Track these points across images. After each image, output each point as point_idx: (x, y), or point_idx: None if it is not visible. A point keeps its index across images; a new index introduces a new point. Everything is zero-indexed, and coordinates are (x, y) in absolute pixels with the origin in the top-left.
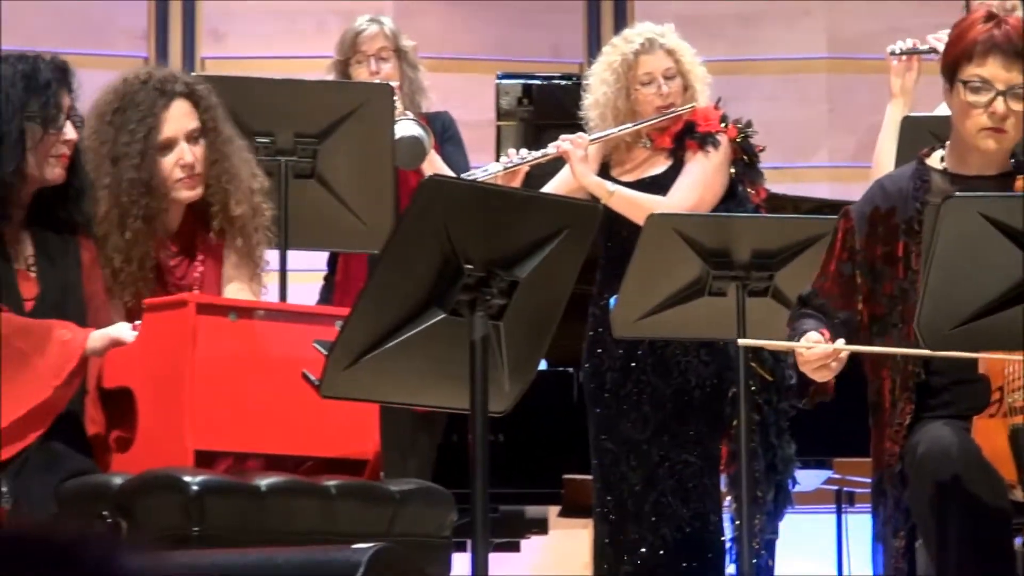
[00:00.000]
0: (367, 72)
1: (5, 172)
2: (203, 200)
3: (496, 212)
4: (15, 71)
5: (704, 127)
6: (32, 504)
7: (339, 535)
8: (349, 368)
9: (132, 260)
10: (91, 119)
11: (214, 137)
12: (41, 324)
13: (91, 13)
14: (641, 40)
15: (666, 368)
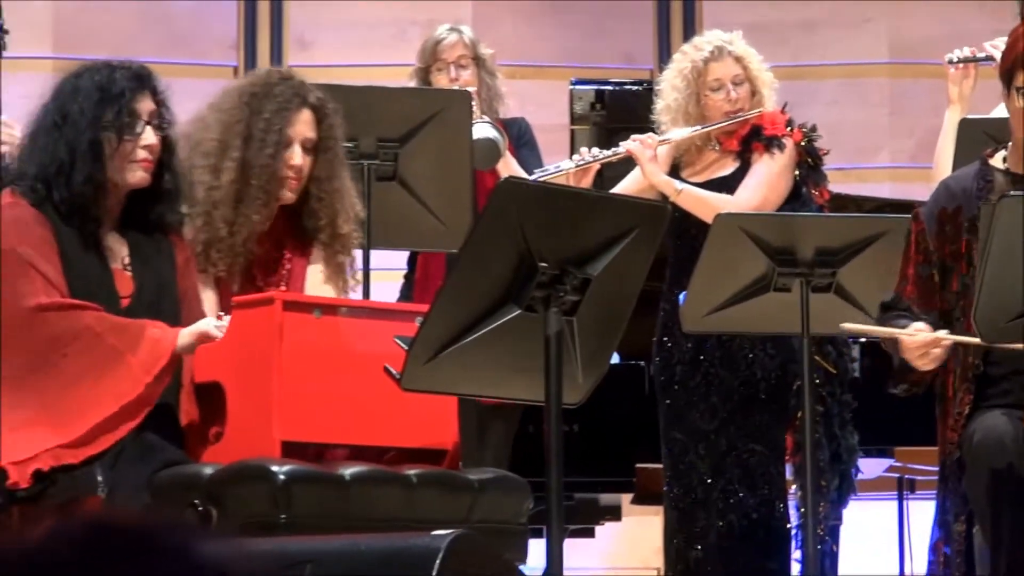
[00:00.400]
0: (447, 79)
1: (76, 182)
2: (300, 207)
3: (569, 212)
4: (92, 83)
5: (770, 131)
6: (126, 493)
7: (419, 522)
8: (429, 362)
9: (236, 234)
10: (229, 95)
11: (331, 156)
12: (134, 323)
13: (183, 24)
14: (710, 48)
15: (733, 361)
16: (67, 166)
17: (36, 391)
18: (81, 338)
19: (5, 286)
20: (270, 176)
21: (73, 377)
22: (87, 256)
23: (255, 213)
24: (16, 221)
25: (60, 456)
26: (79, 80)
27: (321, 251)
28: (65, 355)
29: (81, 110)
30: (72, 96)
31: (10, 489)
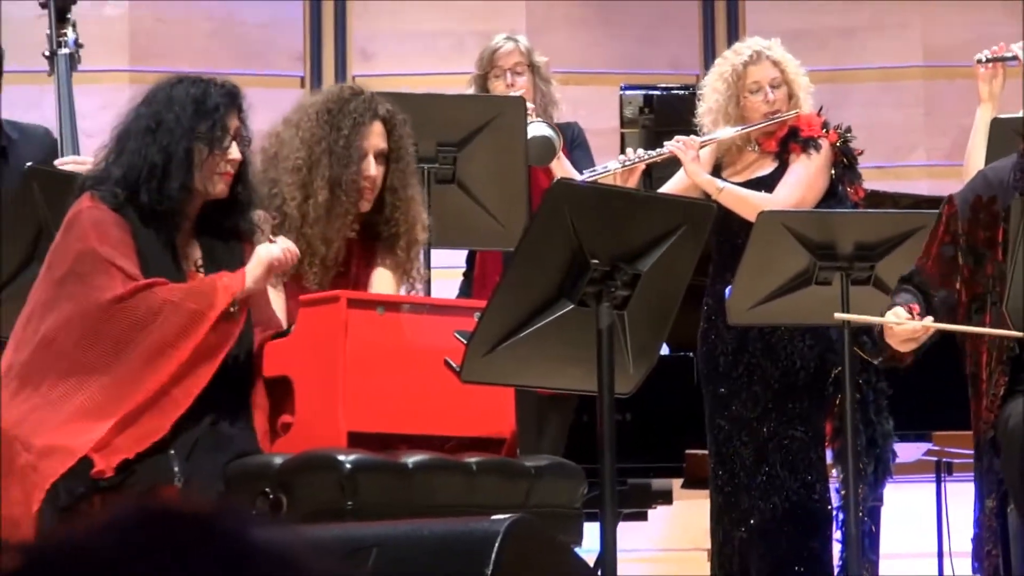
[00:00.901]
0: (503, 85)
1: (171, 188)
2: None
3: (619, 211)
4: (187, 94)
5: (807, 132)
6: (201, 482)
7: (479, 507)
8: (487, 355)
9: (331, 246)
10: (307, 114)
11: (403, 165)
12: (203, 281)
13: (253, 37)
14: (750, 52)
15: (773, 352)
16: (160, 170)
17: (120, 376)
18: (162, 311)
19: (85, 284)
20: (358, 190)
21: (159, 349)
22: (163, 258)
23: (347, 227)
24: (97, 223)
25: (142, 441)
26: (174, 90)
27: (394, 256)
28: (149, 333)
29: (177, 119)
30: (167, 105)
31: (93, 478)
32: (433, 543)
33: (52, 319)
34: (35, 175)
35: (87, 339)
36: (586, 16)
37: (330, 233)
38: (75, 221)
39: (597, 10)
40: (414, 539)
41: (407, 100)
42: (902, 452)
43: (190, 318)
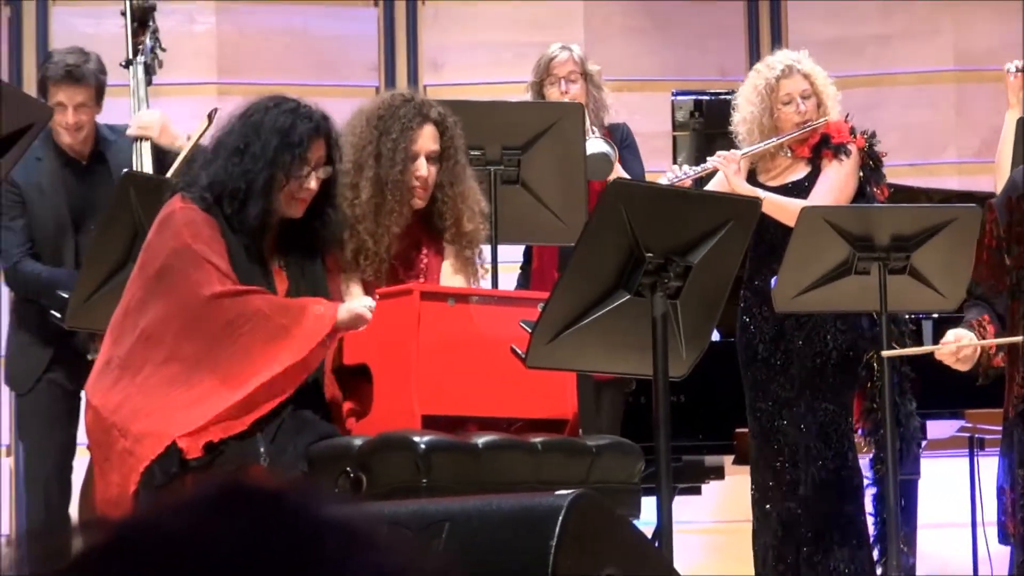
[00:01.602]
0: (558, 92)
1: (249, 213)
2: (431, 210)
3: (671, 208)
4: (274, 124)
5: (837, 139)
6: (285, 463)
7: (544, 483)
8: (550, 343)
9: (379, 243)
10: (359, 121)
11: (453, 163)
12: (297, 301)
13: (330, 49)
14: (781, 67)
15: (809, 338)
16: (242, 193)
17: (212, 368)
18: (253, 319)
19: (183, 279)
20: (401, 189)
21: (245, 351)
22: (249, 255)
23: (393, 224)
24: (189, 222)
25: (229, 427)
26: (266, 116)
27: (451, 247)
28: (240, 336)
29: (263, 148)
30: (256, 132)
31: (185, 459)
32: (501, 517)
33: (150, 313)
34: (131, 180)
35: (185, 332)
36: (640, 27)
37: (378, 229)
38: (168, 220)
39: (650, 21)
40: (484, 513)
41: (474, 107)
42: (936, 429)
43: (276, 331)
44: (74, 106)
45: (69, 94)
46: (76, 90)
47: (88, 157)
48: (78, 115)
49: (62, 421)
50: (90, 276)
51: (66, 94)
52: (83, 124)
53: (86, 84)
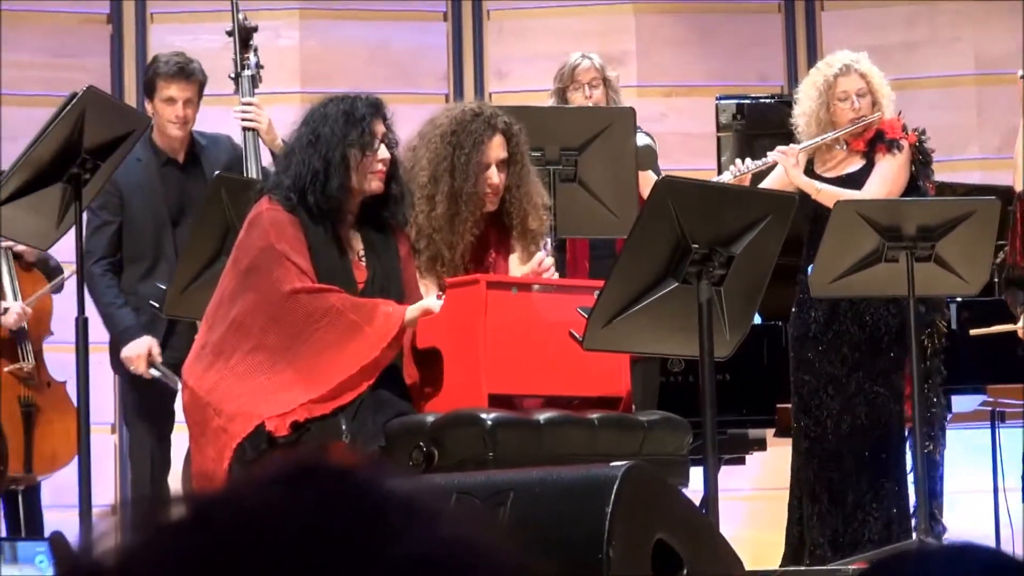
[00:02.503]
0: (582, 96)
1: (332, 188)
2: (499, 210)
3: (715, 203)
4: (338, 109)
5: (890, 134)
6: (365, 439)
7: (600, 456)
8: (605, 327)
9: (455, 251)
10: (434, 135)
11: (519, 167)
12: (369, 301)
13: (404, 60)
14: (840, 65)
15: (862, 320)
16: (322, 175)
17: (293, 359)
18: (328, 315)
19: (266, 275)
20: (475, 200)
21: (322, 346)
22: (330, 250)
23: (468, 233)
24: (274, 223)
25: (313, 409)
26: (326, 108)
27: (518, 242)
28: (316, 329)
29: (332, 131)
30: (322, 121)
31: (273, 436)
32: (561, 487)
33: (239, 305)
34: (222, 181)
35: (268, 324)
36: (686, 37)
37: (453, 239)
38: (256, 221)
39: (695, 32)
40: (545, 483)
41: (535, 112)
42: (961, 403)
43: (349, 327)
44: (183, 100)
45: (180, 88)
46: (185, 85)
47: (184, 157)
48: (186, 109)
49: (163, 402)
50: (186, 269)
51: (177, 88)
52: (189, 118)
53: (194, 80)
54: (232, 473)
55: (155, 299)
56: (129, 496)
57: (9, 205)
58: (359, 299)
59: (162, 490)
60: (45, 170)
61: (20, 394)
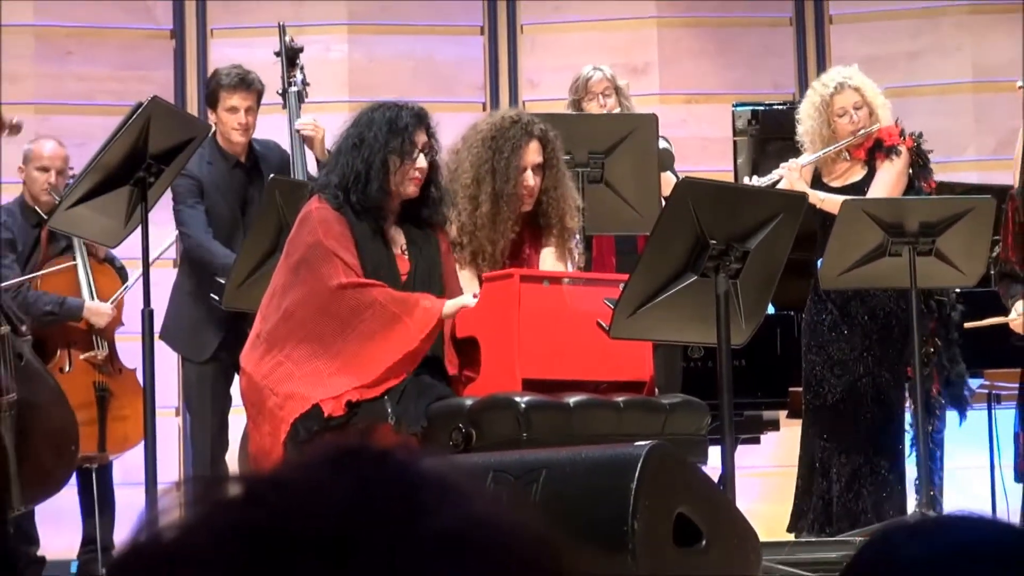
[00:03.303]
0: (596, 105)
1: (372, 190)
2: (536, 210)
3: (731, 202)
4: (383, 117)
5: (889, 141)
6: (409, 420)
7: (626, 436)
8: (630, 317)
9: (496, 247)
10: (476, 141)
11: (555, 171)
12: (410, 296)
13: (443, 71)
14: (834, 84)
15: (873, 312)
16: (363, 177)
17: (342, 347)
18: (372, 308)
19: (315, 270)
20: (514, 200)
21: (367, 336)
22: (375, 245)
23: (508, 230)
24: (323, 220)
25: (363, 393)
26: (373, 114)
27: (552, 240)
28: (361, 321)
29: (376, 137)
30: (368, 126)
31: (327, 418)
32: (589, 464)
33: (291, 297)
34: (276, 184)
35: (319, 315)
36: (705, 49)
37: (495, 236)
38: (306, 218)
39: (713, 44)
40: (575, 462)
41: (566, 119)
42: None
43: (391, 319)
44: (244, 108)
45: (241, 97)
46: (246, 95)
47: (246, 159)
48: (247, 116)
49: (224, 388)
50: (243, 264)
51: (239, 98)
52: (250, 125)
53: (254, 90)
54: (286, 451)
55: (216, 293)
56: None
57: (81, 206)
58: (400, 293)
59: (220, 469)
60: (113, 174)
61: (95, 380)
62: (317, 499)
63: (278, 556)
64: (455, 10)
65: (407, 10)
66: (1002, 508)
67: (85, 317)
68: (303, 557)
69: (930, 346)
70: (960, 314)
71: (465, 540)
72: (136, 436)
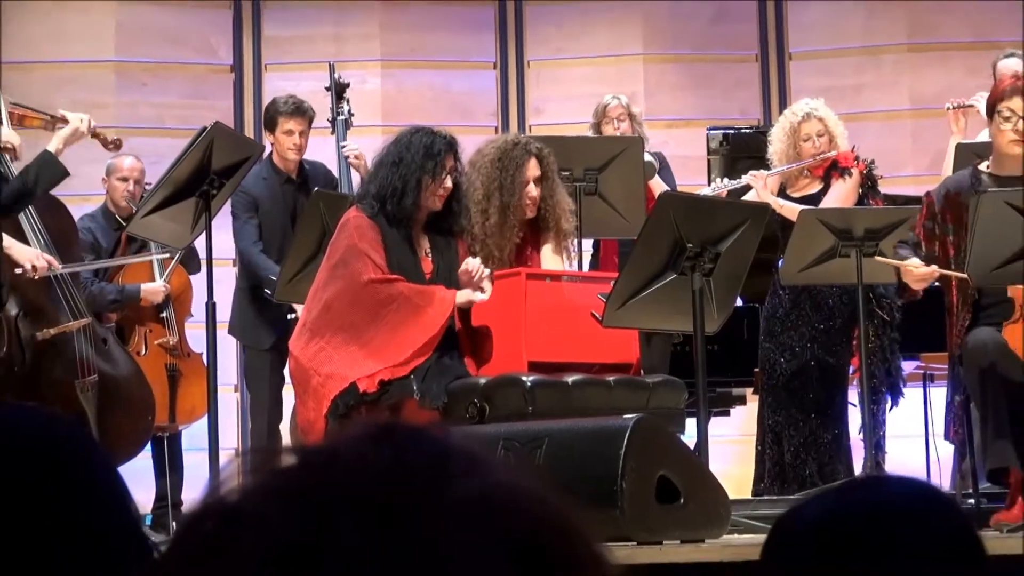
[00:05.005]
0: (612, 128)
1: (406, 204)
2: (536, 216)
3: (705, 212)
4: (420, 142)
5: (844, 163)
6: (431, 396)
7: (616, 409)
8: (620, 309)
9: (503, 251)
10: (485, 162)
11: (551, 182)
12: (428, 288)
13: (462, 100)
14: (803, 113)
15: (819, 306)
16: (399, 192)
17: (374, 334)
18: (397, 299)
19: (350, 268)
20: (519, 210)
21: (394, 324)
22: (403, 249)
23: (514, 236)
24: (358, 227)
25: (394, 372)
26: (412, 138)
27: (551, 241)
28: (388, 311)
29: (412, 158)
30: (407, 148)
31: (362, 394)
32: (585, 434)
33: (330, 291)
34: (320, 196)
35: (353, 306)
36: (684, 82)
37: (502, 242)
38: (345, 225)
39: (690, 78)
40: (573, 431)
41: (566, 141)
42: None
43: (414, 309)
44: (299, 132)
45: (296, 123)
46: (301, 120)
47: (296, 176)
48: (301, 139)
49: (278, 370)
50: (292, 264)
51: (295, 123)
52: (303, 147)
53: (308, 116)
54: (327, 423)
55: (268, 289)
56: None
57: (154, 214)
58: (420, 286)
59: (276, 438)
60: (182, 187)
61: (167, 362)
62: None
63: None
64: (472, 49)
65: (431, 49)
66: (935, 471)
67: (144, 297)
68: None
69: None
70: (901, 314)
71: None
72: (201, 409)
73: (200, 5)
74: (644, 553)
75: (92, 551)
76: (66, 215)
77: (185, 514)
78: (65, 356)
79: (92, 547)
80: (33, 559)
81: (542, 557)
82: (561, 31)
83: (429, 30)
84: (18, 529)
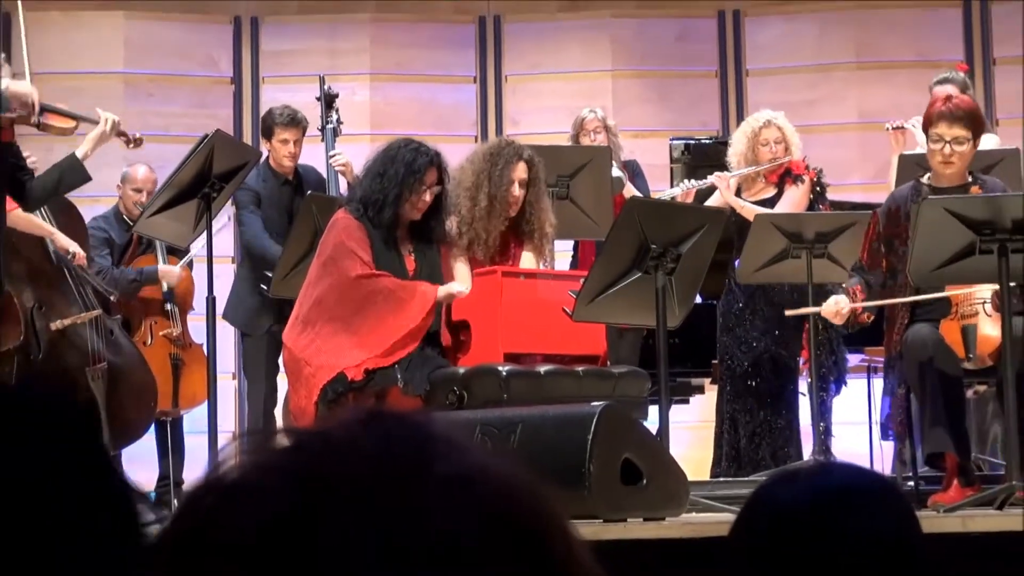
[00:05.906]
0: (589, 139)
1: (385, 215)
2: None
3: (668, 215)
4: (404, 158)
5: (797, 171)
6: (414, 385)
7: (584, 397)
8: (589, 304)
9: (489, 235)
10: (478, 156)
11: (537, 187)
12: (411, 283)
13: (443, 112)
14: (764, 120)
15: (772, 303)
16: (381, 203)
17: (360, 325)
18: (382, 293)
19: (339, 265)
20: (505, 201)
21: (380, 316)
22: (388, 248)
23: (499, 223)
24: (346, 227)
25: (378, 362)
26: (399, 152)
27: (532, 243)
28: (374, 304)
29: (396, 172)
30: (391, 161)
31: (349, 382)
32: (556, 420)
33: (320, 287)
34: (312, 199)
35: (341, 300)
36: (648, 96)
37: (489, 227)
38: (334, 225)
39: (655, 93)
40: (544, 417)
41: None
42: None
43: (398, 302)
44: (293, 140)
45: (291, 132)
46: (296, 130)
47: (293, 179)
48: (295, 147)
49: (273, 358)
50: (286, 261)
51: (290, 132)
52: (297, 154)
53: (302, 126)
54: (318, 409)
55: (265, 284)
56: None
57: (159, 215)
58: (404, 281)
59: (271, 422)
60: (185, 190)
61: (170, 351)
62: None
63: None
64: (454, 64)
65: (417, 63)
66: (877, 455)
67: (160, 278)
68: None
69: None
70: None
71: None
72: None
73: (203, 21)
74: (609, 530)
75: (94, 543)
76: (77, 216)
77: (187, 491)
78: (77, 345)
79: (94, 539)
80: (34, 549)
81: (513, 527)
82: (536, 48)
83: (415, 46)
84: (19, 525)
